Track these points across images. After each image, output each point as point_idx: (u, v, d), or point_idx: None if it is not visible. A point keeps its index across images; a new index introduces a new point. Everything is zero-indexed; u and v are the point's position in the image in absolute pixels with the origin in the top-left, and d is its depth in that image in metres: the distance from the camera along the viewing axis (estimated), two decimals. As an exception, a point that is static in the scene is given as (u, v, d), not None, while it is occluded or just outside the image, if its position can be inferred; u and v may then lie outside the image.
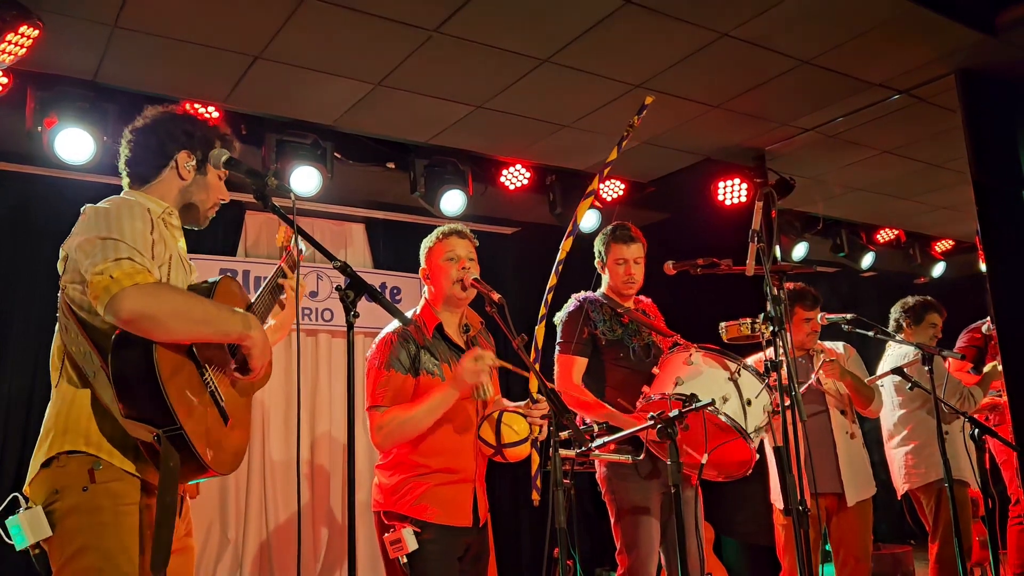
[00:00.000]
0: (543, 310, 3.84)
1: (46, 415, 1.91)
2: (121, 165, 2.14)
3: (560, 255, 3.85)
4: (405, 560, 2.46)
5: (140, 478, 1.85)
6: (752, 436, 2.81)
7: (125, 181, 2.13)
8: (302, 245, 2.13)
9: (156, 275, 1.86)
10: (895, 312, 4.49)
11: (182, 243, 2.12)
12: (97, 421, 1.84)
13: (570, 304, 3.34)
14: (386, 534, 2.52)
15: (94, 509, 1.79)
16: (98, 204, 1.94)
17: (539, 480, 4.09)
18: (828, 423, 3.69)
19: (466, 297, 2.71)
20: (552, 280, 3.84)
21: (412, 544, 2.46)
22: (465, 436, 2.63)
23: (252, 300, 2.17)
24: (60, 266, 1.95)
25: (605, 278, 3.38)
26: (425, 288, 2.81)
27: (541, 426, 2.62)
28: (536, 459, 4.02)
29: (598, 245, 3.41)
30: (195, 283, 2.08)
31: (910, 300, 4.45)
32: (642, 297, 3.49)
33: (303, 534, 5.28)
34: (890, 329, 4.49)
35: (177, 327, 1.81)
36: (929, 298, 4.46)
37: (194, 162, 2.11)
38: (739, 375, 2.87)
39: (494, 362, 2.53)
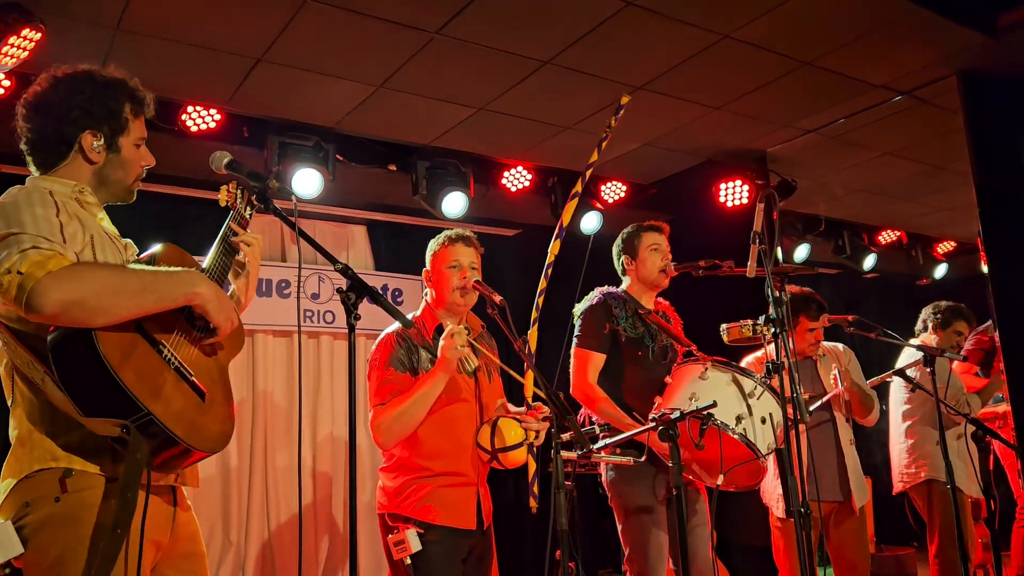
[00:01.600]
0: (534, 314, 3.82)
1: (10, 434, 1.76)
2: (22, 146, 1.88)
3: (548, 258, 3.83)
4: (409, 561, 2.47)
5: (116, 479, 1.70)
6: (765, 456, 2.76)
7: (31, 165, 1.90)
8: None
9: (71, 257, 1.66)
10: (925, 312, 4.52)
11: (106, 221, 1.91)
12: (61, 429, 1.69)
13: (592, 297, 3.27)
14: (390, 535, 2.53)
15: (71, 520, 1.65)
16: None
17: (535, 486, 4.07)
18: (835, 431, 3.67)
19: (465, 304, 2.72)
20: (542, 284, 3.82)
21: (416, 545, 2.47)
22: (467, 439, 2.63)
23: (204, 265, 1.97)
24: None
25: (627, 279, 3.36)
26: (427, 290, 2.82)
27: (537, 432, 2.63)
28: (533, 466, 3.99)
29: (623, 242, 3.36)
30: (135, 258, 1.90)
31: (943, 304, 4.49)
32: (661, 299, 3.46)
33: (305, 536, 5.27)
34: (916, 328, 4.52)
35: (112, 306, 1.61)
36: (962, 306, 4.49)
37: (102, 141, 1.86)
38: (756, 393, 2.77)
39: (467, 337, 2.50)
